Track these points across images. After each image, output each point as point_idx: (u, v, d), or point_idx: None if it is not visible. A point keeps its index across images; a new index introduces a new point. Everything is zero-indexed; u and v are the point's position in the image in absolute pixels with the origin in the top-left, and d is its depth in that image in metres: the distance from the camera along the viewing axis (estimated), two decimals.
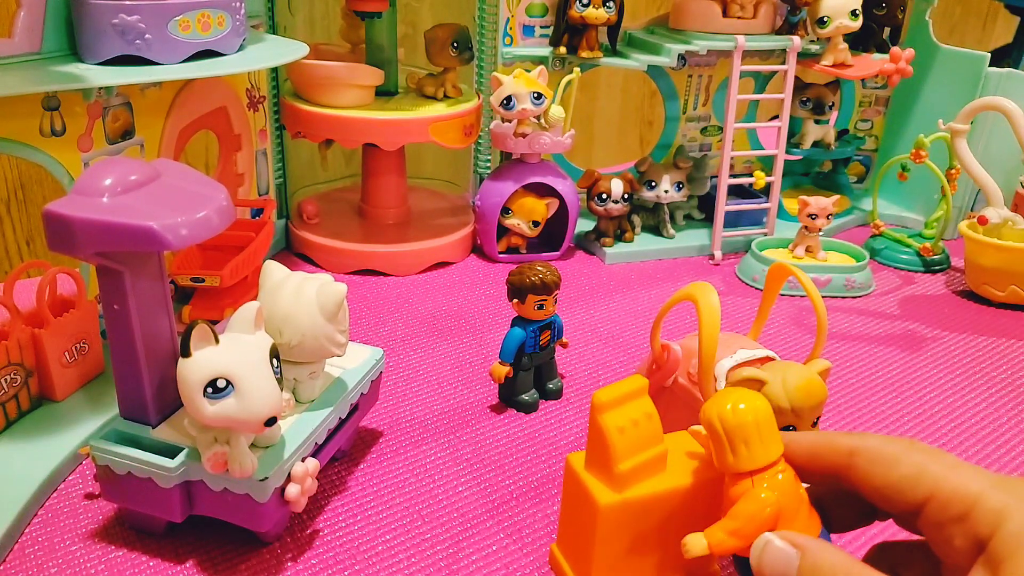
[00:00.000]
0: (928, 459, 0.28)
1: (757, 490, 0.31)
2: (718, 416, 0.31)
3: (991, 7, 1.75)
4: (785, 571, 0.29)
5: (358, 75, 0.69)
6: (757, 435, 0.31)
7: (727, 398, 0.32)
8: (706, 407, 0.32)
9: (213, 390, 0.34)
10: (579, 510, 0.37)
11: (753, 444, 0.31)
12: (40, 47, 0.49)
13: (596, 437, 0.35)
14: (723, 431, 0.31)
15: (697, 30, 0.77)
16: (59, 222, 0.33)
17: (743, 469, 0.31)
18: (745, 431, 0.31)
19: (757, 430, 0.31)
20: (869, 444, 0.30)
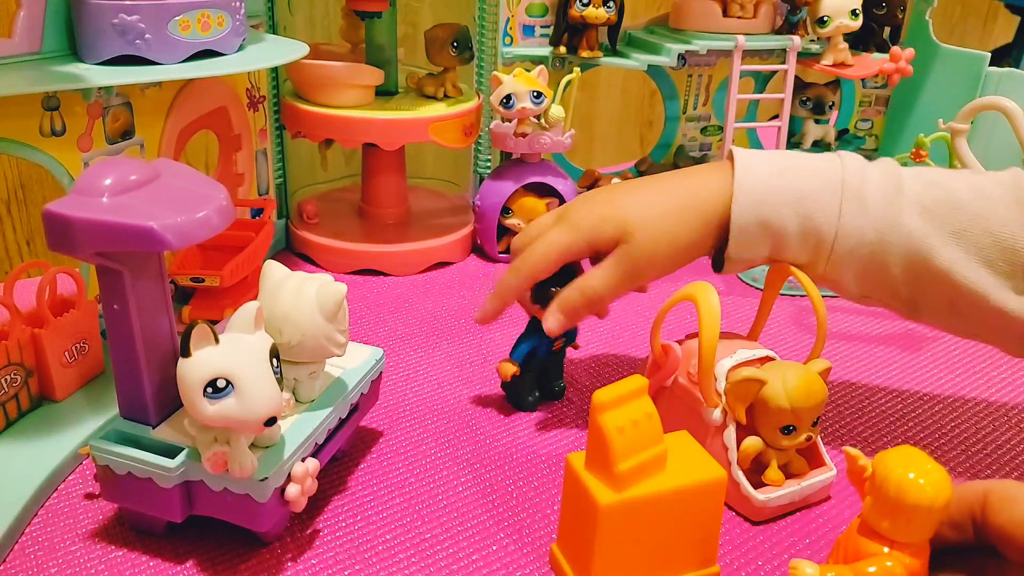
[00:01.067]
0: None
1: (890, 560, 0.30)
2: (899, 483, 0.29)
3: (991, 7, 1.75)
4: None
5: (358, 75, 0.69)
6: (923, 518, 0.29)
7: (916, 467, 0.29)
8: (890, 463, 0.30)
9: (213, 390, 0.34)
10: (579, 510, 0.37)
11: (915, 524, 0.29)
12: (40, 47, 0.49)
13: (596, 437, 0.35)
14: (897, 498, 0.29)
15: (697, 30, 0.77)
16: (59, 222, 0.33)
17: (890, 537, 0.30)
18: (918, 512, 0.29)
19: (927, 514, 0.29)
20: (1003, 485, 0.30)
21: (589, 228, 0.46)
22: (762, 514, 0.43)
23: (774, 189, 0.44)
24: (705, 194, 0.45)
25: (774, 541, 0.42)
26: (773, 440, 0.42)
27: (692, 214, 0.45)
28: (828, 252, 0.44)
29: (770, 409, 0.42)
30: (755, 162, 0.45)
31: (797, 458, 0.44)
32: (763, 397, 0.42)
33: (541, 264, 0.46)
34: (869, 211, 0.43)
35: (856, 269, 0.44)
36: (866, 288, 0.45)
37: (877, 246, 0.43)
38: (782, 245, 0.44)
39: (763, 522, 0.44)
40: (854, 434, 0.52)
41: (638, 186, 0.48)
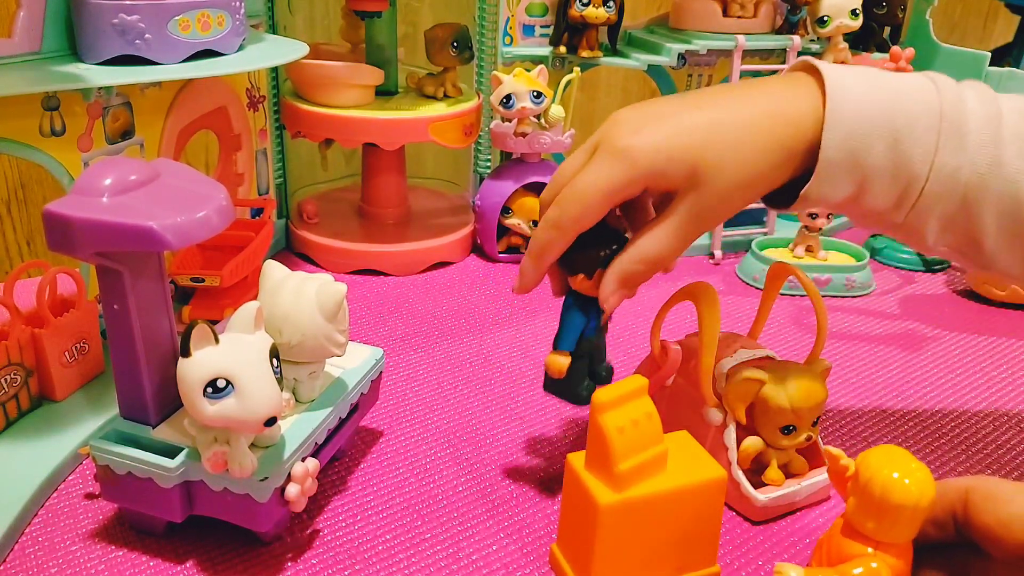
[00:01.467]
0: None
1: (875, 561, 0.30)
2: (884, 484, 0.29)
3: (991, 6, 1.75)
4: None
5: (358, 75, 0.69)
6: (908, 518, 0.29)
7: (901, 467, 0.29)
8: (874, 463, 0.30)
9: (213, 390, 0.34)
10: (579, 510, 0.37)
11: (899, 524, 0.29)
12: (40, 47, 0.49)
13: (596, 437, 0.35)
14: (881, 499, 0.29)
15: (697, 29, 0.77)
16: (59, 222, 0.33)
17: (875, 538, 0.30)
18: (902, 512, 0.29)
19: (911, 514, 0.29)
20: (985, 483, 0.30)
21: (648, 166, 0.36)
22: (762, 514, 0.43)
23: (868, 118, 0.36)
24: (791, 115, 0.37)
25: (774, 541, 0.42)
26: (773, 440, 0.42)
27: (774, 141, 0.37)
28: (916, 195, 0.37)
29: (770, 409, 0.42)
30: (847, 81, 0.37)
31: (797, 458, 0.44)
32: (763, 397, 0.42)
33: (584, 211, 0.37)
34: (968, 148, 0.36)
35: (942, 215, 0.38)
36: (947, 238, 0.39)
37: (972, 190, 0.37)
38: (867, 186, 0.37)
39: (763, 522, 0.44)
40: (854, 434, 0.52)
41: (704, 99, 0.39)
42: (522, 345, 0.61)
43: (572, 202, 0.37)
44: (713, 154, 0.36)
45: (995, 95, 0.38)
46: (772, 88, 0.39)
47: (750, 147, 0.36)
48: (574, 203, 0.37)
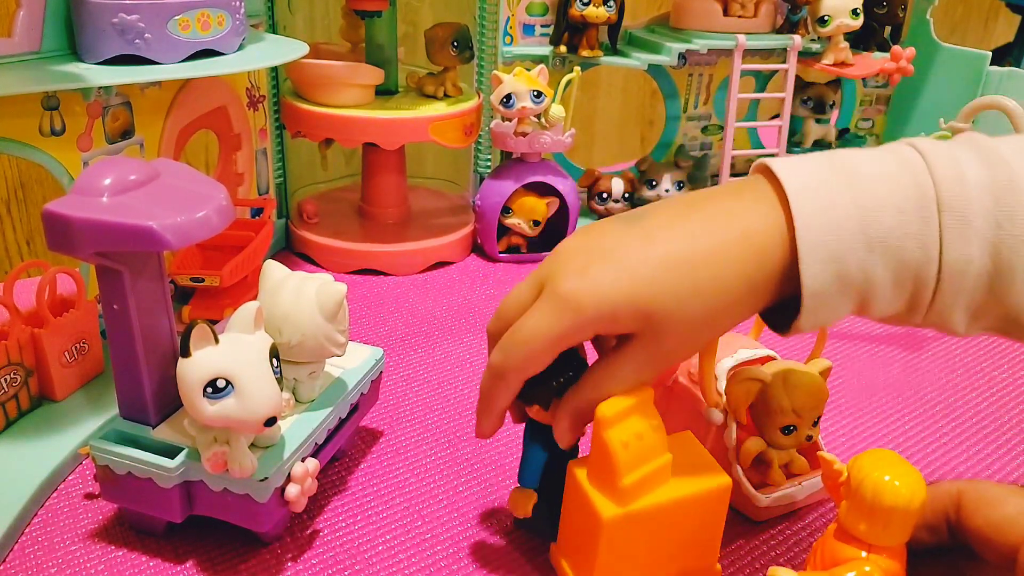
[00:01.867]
0: None
1: (868, 565, 0.30)
2: (875, 486, 0.29)
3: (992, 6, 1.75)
4: None
5: (358, 74, 0.69)
6: (900, 520, 0.29)
7: (892, 470, 0.30)
8: (866, 466, 0.30)
9: (213, 390, 0.34)
10: (582, 521, 0.36)
11: (891, 527, 0.29)
12: (40, 46, 0.49)
13: (600, 451, 0.35)
14: (872, 501, 0.29)
15: (698, 29, 0.77)
16: (59, 222, 0.33)
17: (868, 541, 0.30)
18: (893, 514, 0.29)
19: (903, 516, 0.29)
20: (976, 486, 0.30)
21: (595, 314, 0.33)
22: (764, 514, 0.43)
23: (847, 228, 0.32)
24: (755, 242, 0.33)
25: (774, 541, 0.42)
26: (774, 440, 0.42)
27: (737, 275, 0.33)
28: (930, 297, 0.33)
29: (771, 409, 0.41)
30: (811, 185, 0.32)
31: (798, 458, 0.44)
32: (764, 397, 0.42)
33: (527, 361, 0.35)
34: (981, 230, 0.31)
35: (968, 306, 0.33)
36: (982, 324, 0.34)
37: (996, 275, 0.32)
38: (870, 300, 0.33)
39: (764, 522, 0.43)
40: (854, 434, 0.52)
41: (656, 233, 0.34)
42: None
43: (515, 351, 0.35)
44: (668, 297, 0.33)
45: (996, 148, 0.32)
46: (730, 206, 0.34)
47: (709, 285, 0.33)
48: (517, 352, 0.35)
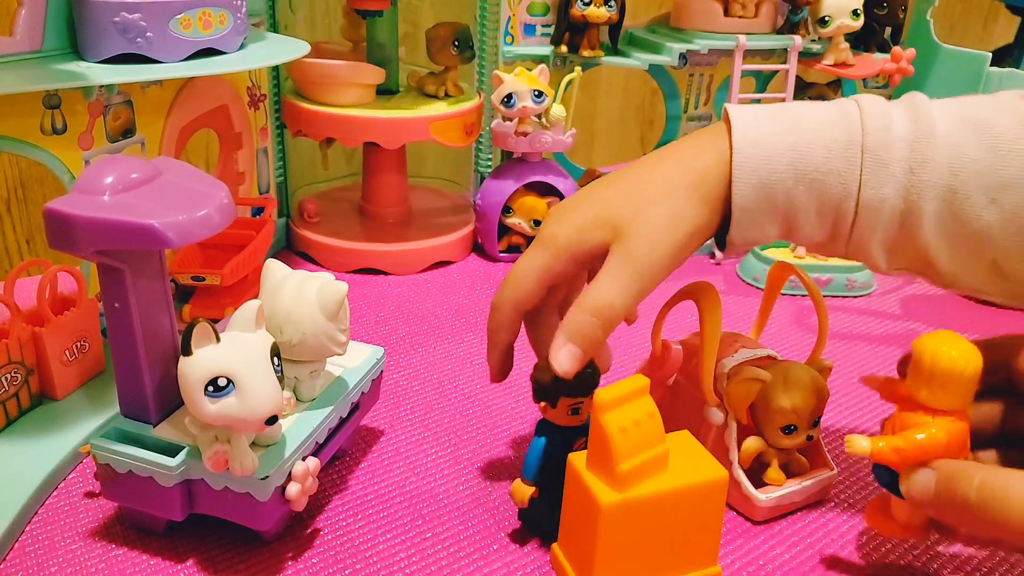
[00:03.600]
0: None
1: (933, 427, 0.34)
2: (933, 354, 0.33)
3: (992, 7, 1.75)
4: (926, 487, 0.34)
5: (359, 74, 0.69)
6: (957, 385, 0.33)
7: (950, 343, 0.34)
8: (926, 340, 0.34)
9: (214, 388, 0.34)
10: (581, 510, 0.37)
11: (950, 390, 0.33)
12: (41, 45, 0.49)
13: (597, 437, 0.35)
14: (931, 367, 0.33)
15: (698, 29, 0.77)
16: (60, 220, 0.33)
17: (930, 405, 0.34)
18: (950, 378, 0.33)
19: (959, 381, 0.33)
20: None
21: (567, 240, 0.39)
22: (763, 514, 0.43)
23: (779, 161, 0.37)
24: (699, 166, 0.38)
25: (774, 541, 0.42)
26: (774, 440, 0.42)
27: (689, 193, 0.38)
28: (848, 228, 0.38)
29: (771, 409, 0.41)
30: (754, 124, 0.38)
31: (798, 458, 0.44)
32: (764, 397, 0.42)
33: (516, 290, 0.40)
34: (895, 174, 0.36)
35: (883, 242, 0.38)
36: (899, 262, 0.39)
37: (907, 215, 0.37)
38: (794, 225, 0.38)
39: (764, 522, 0.44)
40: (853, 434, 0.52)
41: (618, 176, 0.40)
42: (522, 345, 0.61)
43: (506, 285, 0.41)
44: (628, 208, 0.38)
45: (930, 108, 0.37)
46: (683, 145, 0.40)
47: (667, 199, 0.38)
48: (507, 286, 0.41)
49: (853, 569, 0.41)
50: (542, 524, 0.41)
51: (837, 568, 0.41)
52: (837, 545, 0.42)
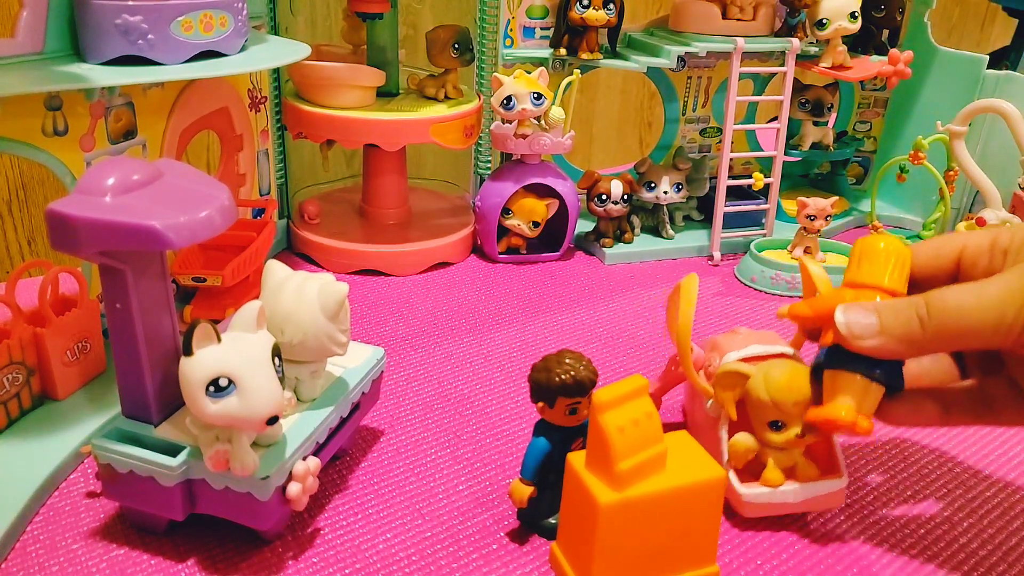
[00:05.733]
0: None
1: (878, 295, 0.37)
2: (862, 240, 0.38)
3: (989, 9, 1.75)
4: (869, 325, 0.36)
5: (359, 76, 0.70)
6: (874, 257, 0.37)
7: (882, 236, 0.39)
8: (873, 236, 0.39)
9: (215, 389, 0.34)
10: (579, 509, 0.37)
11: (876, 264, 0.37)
12: (43, 47, 0.49)
13: (596, 436, 0.35)
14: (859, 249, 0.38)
15: (697, 32, 0.78)
16: (62, 221, 0.33)
17: (855, 280, 0.38)
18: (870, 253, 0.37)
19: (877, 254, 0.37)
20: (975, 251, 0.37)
21: None
22: (750, 511, 0.42)
23: None
24: None
25: (774, 541, 0.43)
26: (763, 436, 0.42)
27: None
28: None
29: (753, 403, 0.41)
30: None
31: (805, 463, 0.42)
32: (747, 391, 0.41)
33: None
34: None
35: None
36: None
37: None
38: None
39: (762, 522, 0.44)
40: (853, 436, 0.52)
41: None
42: (522, 345, 0.61)
43: None
44: None
45: None
46: None
47: None
48: None
49: (852, 569, 0.41)
50: (541, 524, 0.42)
51: (836, 568, 0.41)
52: (836, 545, 0.43)
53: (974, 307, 0.33)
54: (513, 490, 0.41)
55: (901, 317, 0.35)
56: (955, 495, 0.47)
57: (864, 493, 0.46)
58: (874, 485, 0.47)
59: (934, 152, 0.75)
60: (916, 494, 0.47)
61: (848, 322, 0.36)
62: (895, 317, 0.35)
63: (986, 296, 0.33)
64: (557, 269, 0.75)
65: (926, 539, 0.43)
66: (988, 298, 0.33)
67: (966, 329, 0.33)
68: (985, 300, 0.33)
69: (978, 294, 0.34)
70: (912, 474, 0.48)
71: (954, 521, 0.45)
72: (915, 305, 0.35)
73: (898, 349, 0.35)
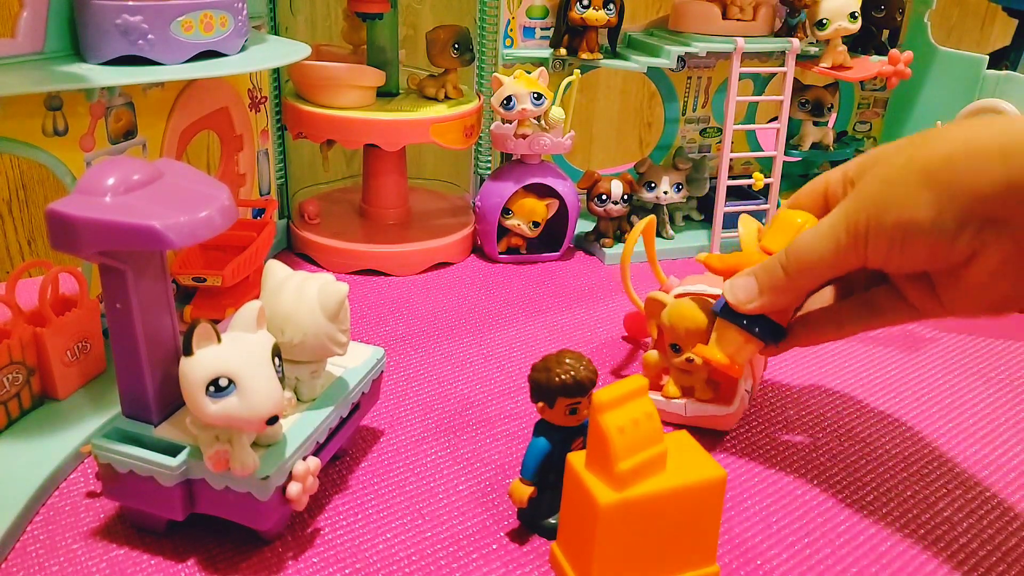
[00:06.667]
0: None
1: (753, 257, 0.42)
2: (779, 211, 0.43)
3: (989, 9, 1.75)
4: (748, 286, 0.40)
5: (359, 76, 0.70)
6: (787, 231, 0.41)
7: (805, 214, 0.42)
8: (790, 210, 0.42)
9: (215, 389, 0.34)
10: (579, 510, 0.37)
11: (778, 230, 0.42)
12: (43, 47, 0.49)
13: (596, 437, 0.35)
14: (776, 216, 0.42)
15: (696, 32, 0.78)
16: (62, 221, 0.33)
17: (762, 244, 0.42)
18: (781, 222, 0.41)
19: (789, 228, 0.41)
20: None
21: None
22: None
23: None
24: None
25: (774, 541, 0.43)
26: (668, 356, 0.49)
27: None
28: None
29: (663, 326, 0.48)
30: None
31: (704, 387, 0.49)
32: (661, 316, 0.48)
33: None
34: None
35: None
36: None
37: None
38: None
39: (762, 522, 0.44)
40: (852, 435, 0.52)
41: None
42: (522, 345, 0.61)
43: None
44: None
45: None
46: None
47: None
48: None
49: (852, 569, 0.41)
50: (541, 524, 0.42)
51: (836, 568, 0.41)
52: (836, 545, 0.43)
53: (813, 242, 0.38)
54: (513, 490, 0.41)
55: (769, 271, 0.40)
56: (955, 495, 0.47)
57: (864, 493, 0.46)
58: (874, 485, 0.47)
59: None
60: (915, 494, 0.47)
61: (733, 290, 0.41)
62: (765, 273, 0.40)
63: (821, 230, 0.37)
64: (557, 269, 0.75)
65: (926, 539, 0.43)
66: (822, 230, 0.37)
67: (815, 262, 0.38)
68: (820, 233, 0.37)
69: (815, 230, 0.38)
70: (912, 474, 0.48)
71: (954, 521, 0.45)
72: (779, 257, 0.39)
73: (774, 300, 0.40)
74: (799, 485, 0.47)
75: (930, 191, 0.33)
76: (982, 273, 0.33)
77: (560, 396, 0.39)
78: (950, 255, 0.33)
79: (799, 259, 0.38)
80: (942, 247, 0.33)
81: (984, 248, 0.33)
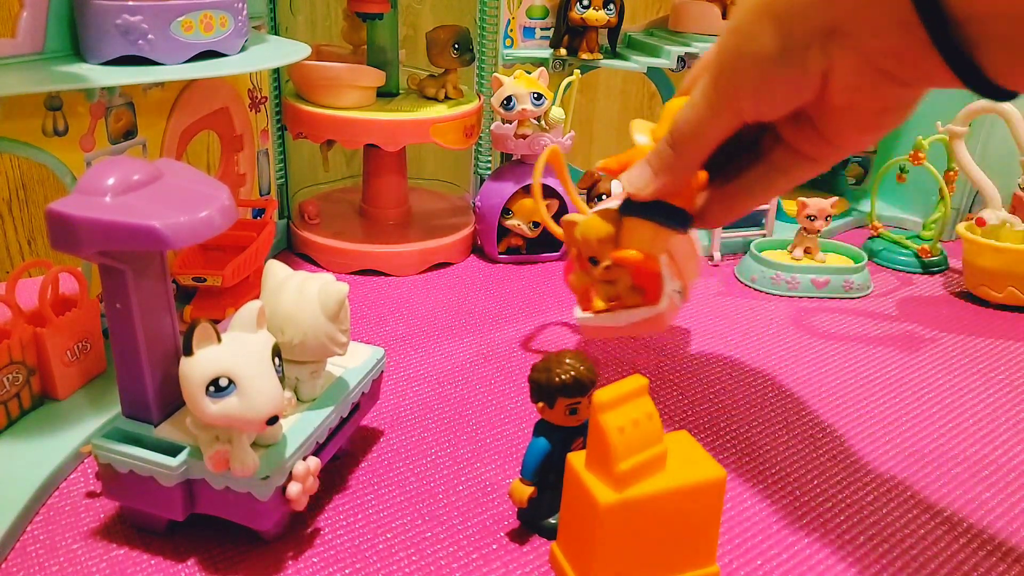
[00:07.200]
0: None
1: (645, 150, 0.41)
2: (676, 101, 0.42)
3: None
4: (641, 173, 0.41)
5: (359, 76, 0.70)
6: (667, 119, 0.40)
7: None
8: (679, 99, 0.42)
9: (215, 389, 0.34)
10: (580, 510, 0.37)
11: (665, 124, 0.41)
12: (43, 47, 0.49)
13: (596, 437, 0.35)
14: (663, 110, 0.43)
15: (696, 32, 0.78)
16: (62, 221, 0.33)
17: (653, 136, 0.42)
18: (666, 113, 0.42)
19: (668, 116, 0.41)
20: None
21: None
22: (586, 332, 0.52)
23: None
24: None
25: (774, 541, 0.43)
26: (588, 270, 0.48)
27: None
28: None
29: (579, 243, 0.47)
30: None
31: (629, 293, 0.48)
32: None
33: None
34: None
35: None
36: None
37: None
38: None
39: (762, 522, 0.44)
40: (851, 435, 0.52)
41: None
42: (522, 345, 0.61)
43: None
44: None
45: None
46: None
47: None
48: None
49: (852, 569, 0.41)
50: (541, 524, 0.42)
51: (836, 568, 0.41)
52: (836, 545, 0.43)
53: (689, 112, 0.38)
54: (513, 490, 0.41)
55: (658, 152, 0.40)
56: (955, 495, 0.47)
57: (864, 493, 0.47)
58: (874, 485, 0.47)
59: (934, 152, 0.75)
60: (915, 495, 0.47)
61: (629, 179, 0.41)
62: (655, 155, 0.40)
63: (693, 98, 0.38)
64: (557, 269, 0.75)
65: (926, 539, 0.43)
66: (695, 99, 0.37)
67: (695, 129, 0.38)
68: (693, 101, 0.37)
69: (689, 100, 0.38)
70: (912, 474, 0.48)
71: (954, 521, 0.45)
72: (665, 138, 0.39)
73: (669, 180, 0.40)
74: (799, 485, 0.47)
75: (769, 21, 0.33)
76: (842, 92, 0.33)
77: (560, 396, 0.39)
78: (808, 81, 0.33)
79: (681, 131, 0.39)
80: (797, 75, 0.33)
81: (833, 64, 0.32)
